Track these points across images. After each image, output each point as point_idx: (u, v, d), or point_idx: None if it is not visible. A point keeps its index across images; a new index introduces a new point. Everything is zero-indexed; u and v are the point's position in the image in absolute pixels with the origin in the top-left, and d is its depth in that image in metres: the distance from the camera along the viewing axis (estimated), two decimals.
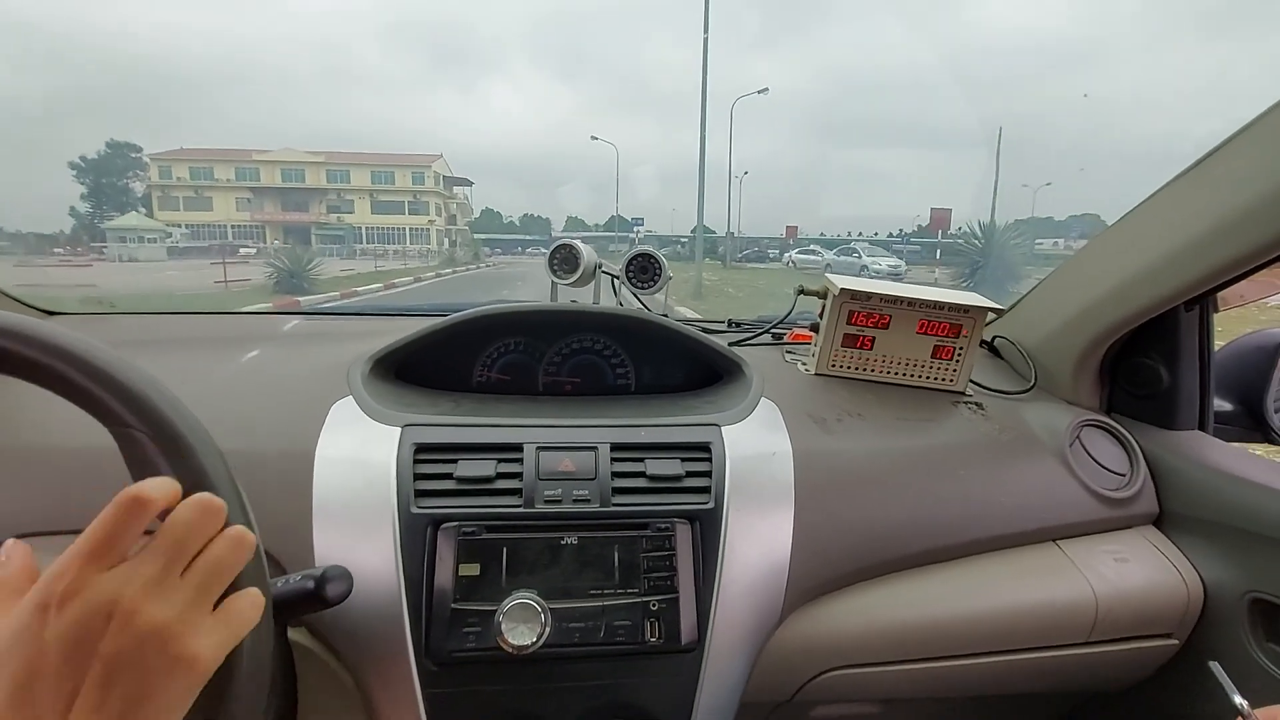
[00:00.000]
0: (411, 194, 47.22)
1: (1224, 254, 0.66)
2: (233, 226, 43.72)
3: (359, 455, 0.62)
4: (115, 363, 0.37)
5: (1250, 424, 0.84)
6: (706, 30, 11.62)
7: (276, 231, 44.32)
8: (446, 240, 44.60)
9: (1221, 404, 0.85)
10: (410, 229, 46.52)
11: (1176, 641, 0.74)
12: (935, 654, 0.70)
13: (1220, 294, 0.78)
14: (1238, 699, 0.50)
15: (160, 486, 0.34)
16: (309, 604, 0.47)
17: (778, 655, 0.65)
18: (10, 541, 0.37)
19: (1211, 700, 0.73)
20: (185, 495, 0.37)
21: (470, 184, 57.17)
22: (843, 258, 22.08)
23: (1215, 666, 0.53)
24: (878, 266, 19.96)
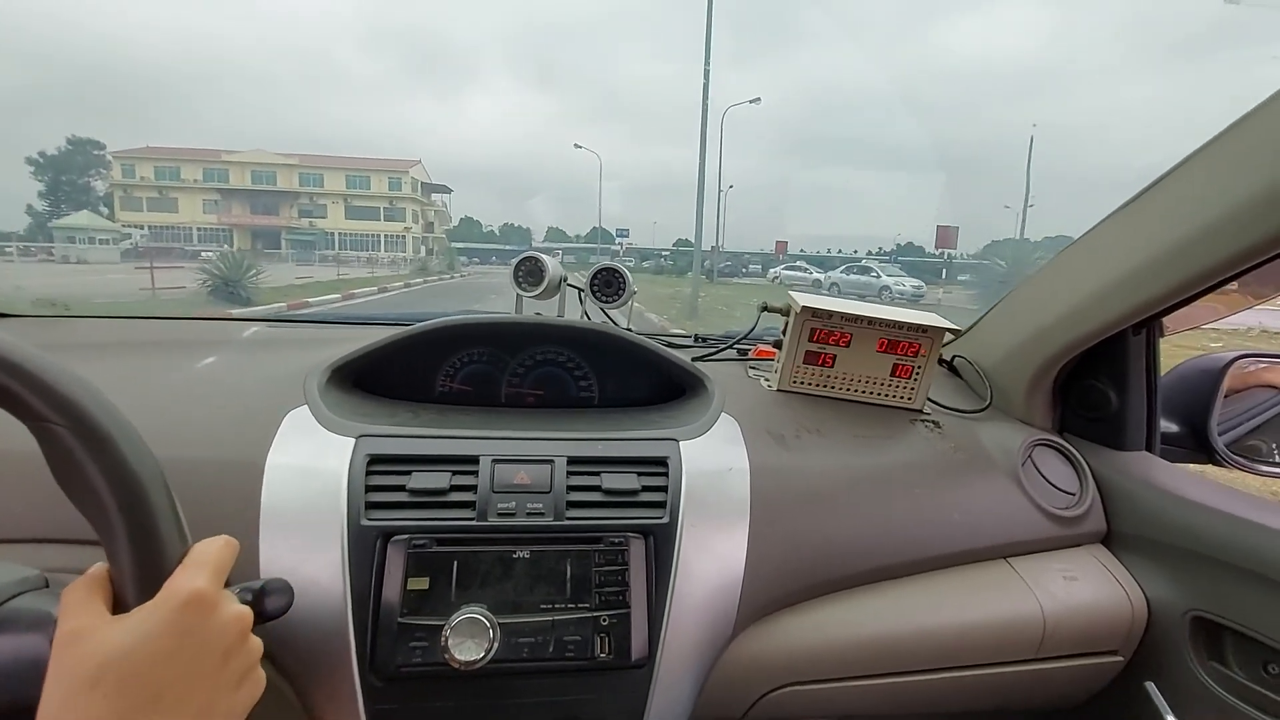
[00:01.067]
0: (387, 200, 46.22)
1: (1169, 279, 0.68)
2: (198, 229, 42.22)
3: (310, 465, 0.61)
4: (32, 356, 0.36)
5: (1195, 445, 0.86)
6: (708, 45, 11.68)
7: (245, 235, 43.00)
8: (423, 248, 43.74)
9: (1168, 425, 0.87)
10: (386, 236, 45.50)
11: (1122, 659, 0.76)
12: (887, 670, 0.70)
13: (1166, 319, 0.81)
14: (1170, 718, 0.51)
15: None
16: None
17: (730, 671, 0.65)
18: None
19: (1157, 715, 0.75)
20: (114, 493, 0.37)
21: (449, 191, 56.25)
22: (855, 276, 20.74)
23: (1150, 687, 0.54)
24: (901, 287, 18.73)
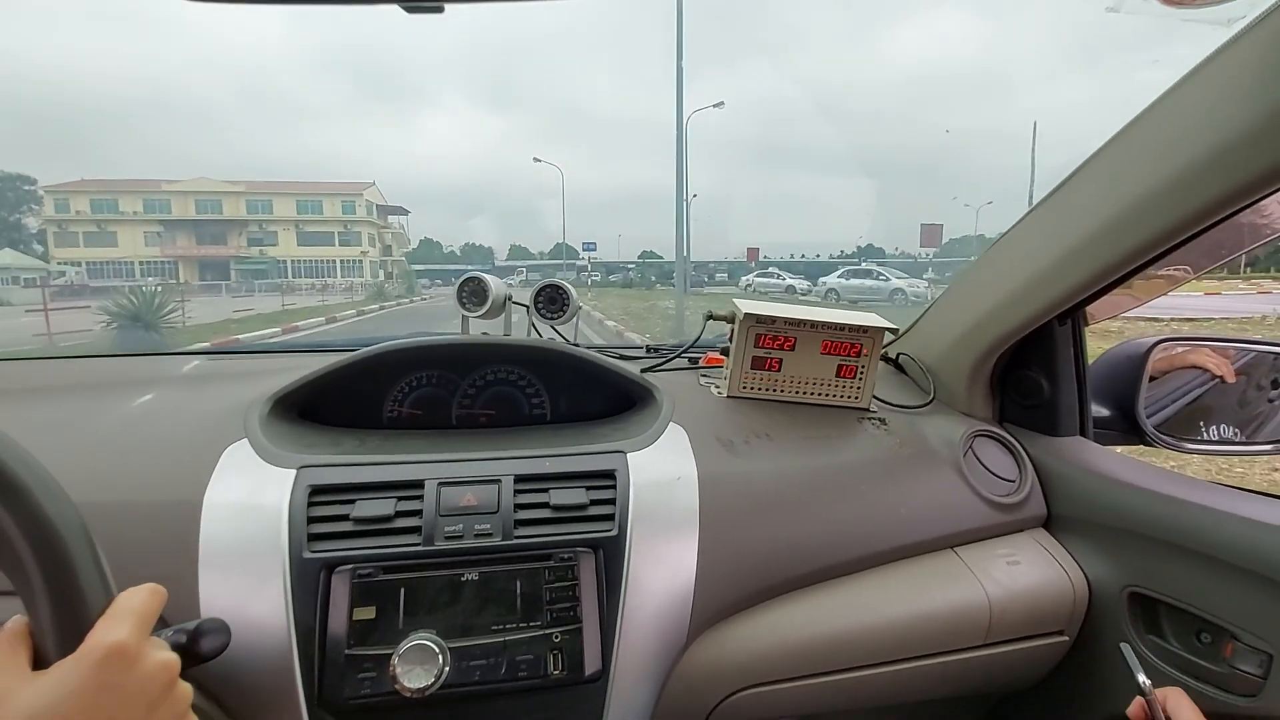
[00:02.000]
0: (341, 224, 45.24)
1: (1084, 270, 0.71)
2: (141, 263, 40.68)
3: (250, 500, 0.60)
4: None
5: (1126, 428, 0.90)
6: (680, 50, 11.71)
7: (191, 267, 41.70)
8: (382, 272, 42.76)
9: (1100, 410, 0.91)
10: (342, 261, 44.49)
11: (1068, 638, 0.78)
12: (842, 666, 0.71)
13: (1090, 309, 0.85)
14: (1141, 678, 0.54)
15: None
16: (184, 660, 0.45)
17: (686, 679, 0.66)
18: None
19: (1106, 691, 0.78)
20: (31, 546, 0.36)
21: (406, 213, 55.47)
22: (859, 281, 19.74)
23: (1125, 647, 0.56)
24: (916, 290, 18.17)
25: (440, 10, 0.40)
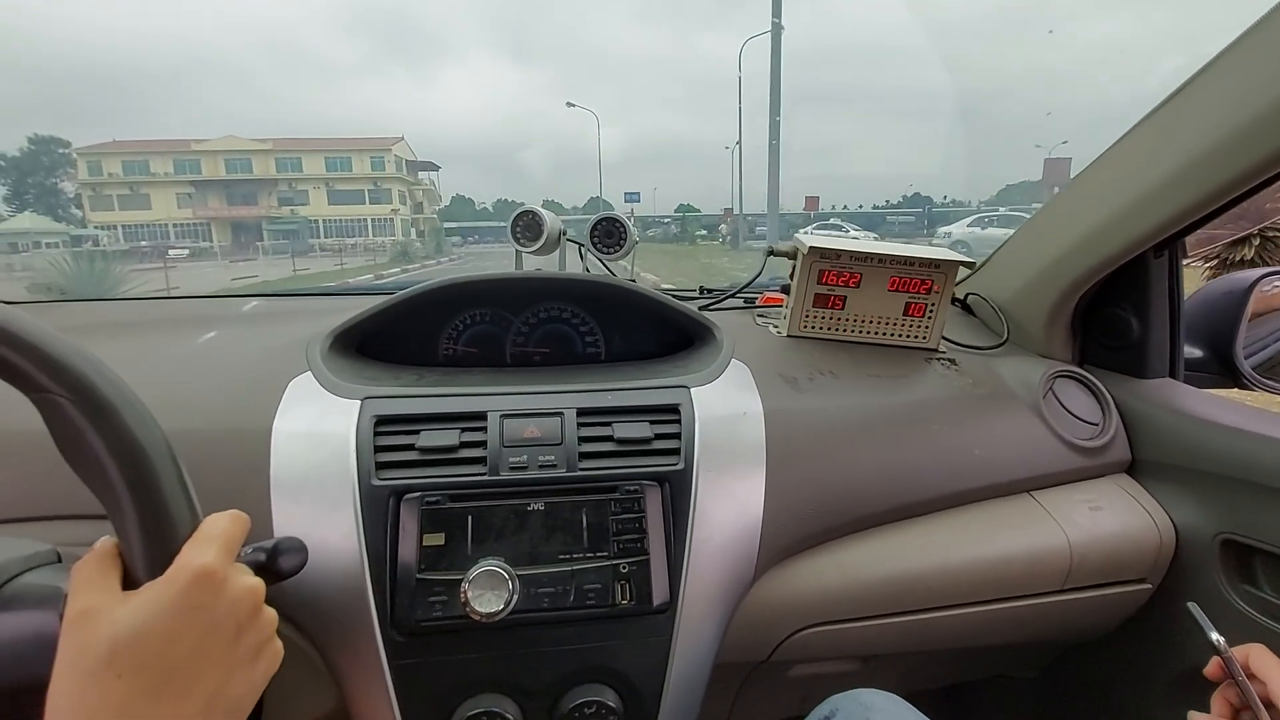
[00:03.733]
0: (371, 181, 43.81)
1: (1187, 197, 0.65)
2: (174, 226, 40.28)
3: (317, 429, 0.60)
4: (30, 326, 0.35)
5: (1220, 370, 0.84)
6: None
7: (223, 228, 40.98)
8: (414, 230, 41.45)
9: (1192, 351, 0.85)
10: (373, 219, 43.24)
11: (1150, 586, 0.75)
12: (911, 607, 0.69)
13: (1188, 239, 0.78)
14: (1214, 636, 0.50)
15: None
16: (263, 577, 0.45)
17: (752, 615, 0.65)
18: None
19: (1187, 643, 0.74)
20: (120, 467, 0.36)
21: (436, 169, 53.95)
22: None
23: (1193, 606, 0.53)
24: (979, 231, 15.57)
25: None
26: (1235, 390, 0.85)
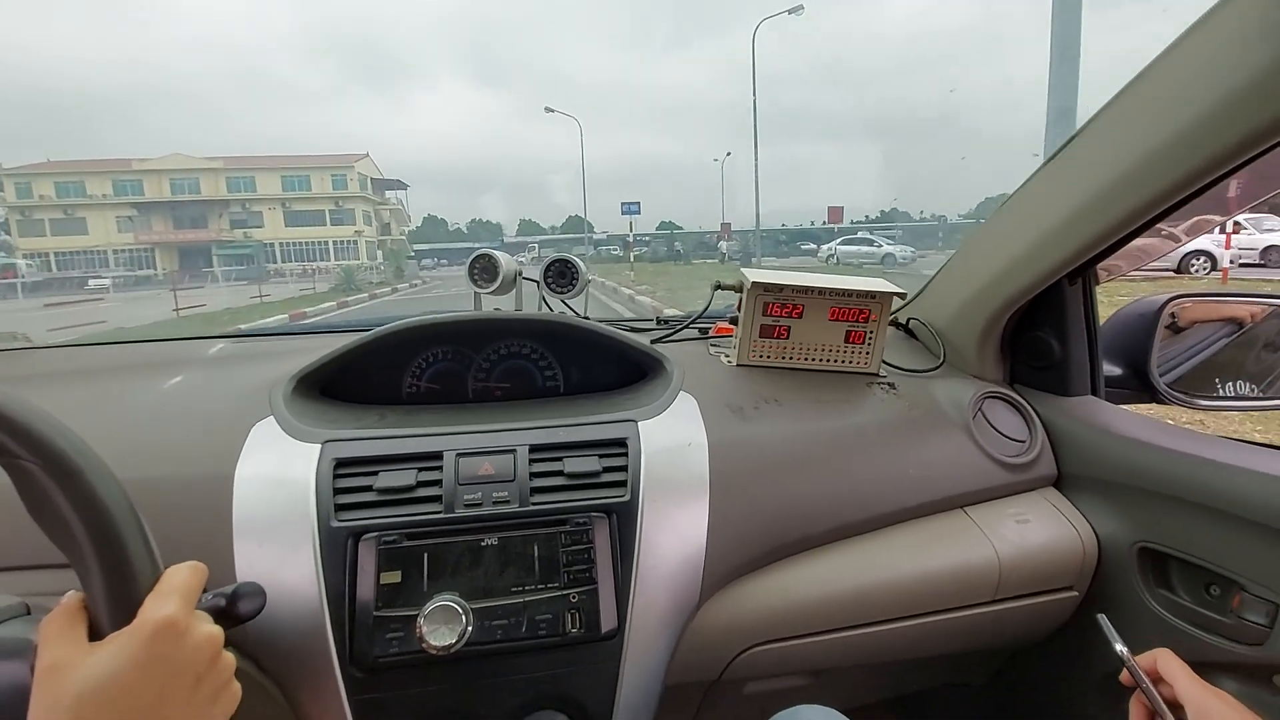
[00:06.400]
0: (333, 200, 40.20)
1: (1091, 229, 0.71)
2: (114, 252, 36.89)
3: (279, 474, 0.63)
4: (1, 398, 0.38)
5: (1138, 386, 0.89)
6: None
7: (169, 253, 37.40)
8: (379, 252, 38.50)
9: (1112, 369, 0.90)
10: (335, 242, 39.77)
11: (1077, 593, 0.80)
12: (852, 623, 0.73)
13: (1100, 266, 0.84)
14: (1119, 647, 0.54)
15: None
16: (223, 622, 0.48)
17: (700, 636, 0.68)
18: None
19: (1109, 649, 0.79)
20: (85, 526, 0.38)
21: (404, 187, 49.91)
22: (854, 247, 17.39)
23: (1102, 618, 0.57)
24: (905, 254, 16.64)
25: None
26: (1153, 405, 0.90)
